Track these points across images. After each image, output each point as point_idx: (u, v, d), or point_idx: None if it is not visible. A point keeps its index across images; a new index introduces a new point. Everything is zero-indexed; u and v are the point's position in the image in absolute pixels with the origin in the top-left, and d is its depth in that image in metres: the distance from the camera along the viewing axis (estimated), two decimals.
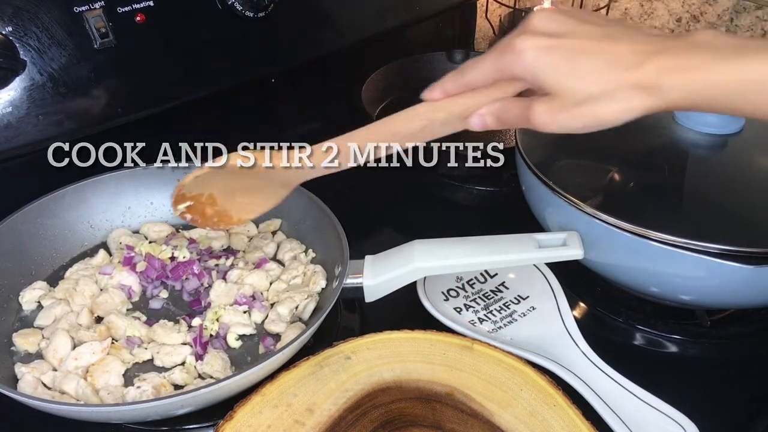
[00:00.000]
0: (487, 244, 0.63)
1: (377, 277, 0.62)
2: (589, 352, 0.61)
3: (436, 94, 0.48)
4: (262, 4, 0.83)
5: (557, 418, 0.52)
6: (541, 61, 0.42)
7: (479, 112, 0.47)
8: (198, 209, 0.58)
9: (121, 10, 0.75)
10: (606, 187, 0.65)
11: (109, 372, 0.57)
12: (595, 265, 0.66)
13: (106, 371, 0.57)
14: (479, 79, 0.46)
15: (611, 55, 0.41)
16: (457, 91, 0.48)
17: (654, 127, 0.71)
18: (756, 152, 0.69)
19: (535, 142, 0.71)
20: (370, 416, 0.52)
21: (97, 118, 0.77)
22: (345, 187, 0.86)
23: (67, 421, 0.54)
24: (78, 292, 0.65)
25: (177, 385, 0.58)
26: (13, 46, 0.68)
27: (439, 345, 0.58)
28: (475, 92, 0.47)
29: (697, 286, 0.61)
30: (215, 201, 0.58)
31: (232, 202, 0.59)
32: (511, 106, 0.46)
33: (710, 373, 0.63)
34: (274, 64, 0.90)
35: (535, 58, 0.42)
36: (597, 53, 0.41)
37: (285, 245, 0.72)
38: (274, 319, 0.63)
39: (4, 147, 0.70)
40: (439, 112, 0.48)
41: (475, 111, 0.48)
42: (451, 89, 0.48)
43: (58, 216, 0.71)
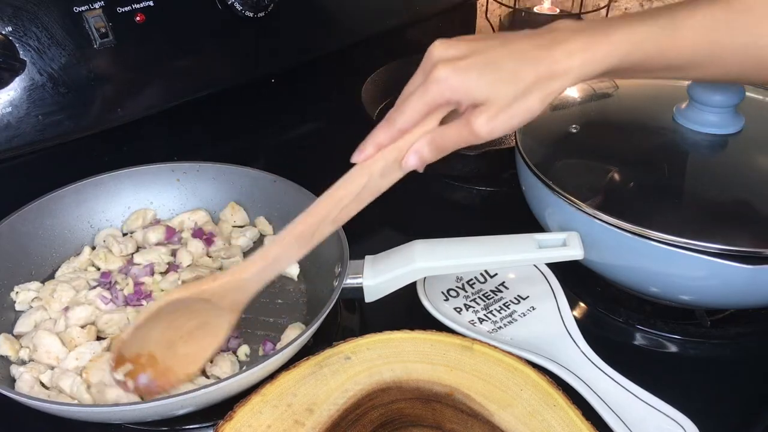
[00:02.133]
0: (487, 244, 0.63)
1: (377, 277, 0.62)
2: (589, 352, 0.61)
3: (369, 151, 0.49)
4: (262, 4, 0.83)
5: (557, 418, 0.52)
6: (466, 80, 0.46)
7: (414, 149, 0.48)
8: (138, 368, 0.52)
9: (121, 10, 0.75)
10: (606, 187, 0.65)
11: (104, 370, 0.57)
12: (595, 265, 0.66)
13: (102, 369, 0.57)
14: (411, 121, 0.48)
15: (518, 55, 0.46)
16: (391, 141, 0.48)
17: (654, 127, 0.71)
18: (756, 152, 0.69)
19: (535, 142, 0.71)
20: (370, 416, 0.52)
21: (97, 118, 0.77)
22: None
23: (66, 420, 0.54)
24: (55, 298, 0.64)
25: None
26: (13, 46, 0.68)
27: (439, 345, 0.58)
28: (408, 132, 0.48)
29: (697, 286, 0.61)
30: (156, 360, 0.52)
31: (173, 356, 0.53)
32: (446, 131, 0.48)
33: (710, 373, 0.63)
34: (274, 64, 0.90)
35: (460, 80, 0.46)
36: (507, 58, 0.46)
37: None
38: None
39: (4, 147, 0.71)
40: (376, 164, 0.49)
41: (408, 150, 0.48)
42: (385, 141, 0.48)
43: (58, 216, 0.71)
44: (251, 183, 0.75)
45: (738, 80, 0.64)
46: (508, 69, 0.46)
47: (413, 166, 0.49)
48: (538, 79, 0.46)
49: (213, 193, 0.76)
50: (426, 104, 0.47)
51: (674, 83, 0.79)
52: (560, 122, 0.74)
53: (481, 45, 0.47)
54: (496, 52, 0.46)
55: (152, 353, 0.52)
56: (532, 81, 0.46)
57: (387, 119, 0.49)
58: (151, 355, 0.52)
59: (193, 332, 0.53)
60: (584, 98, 0.78)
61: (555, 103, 0.77)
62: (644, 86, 0.82)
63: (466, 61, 0.46)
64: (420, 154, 0.48)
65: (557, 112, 0.76)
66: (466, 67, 0.46)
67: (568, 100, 0.78)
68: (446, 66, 0.46)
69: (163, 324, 0.51)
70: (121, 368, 0.52)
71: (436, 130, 0.48)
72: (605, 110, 0.77)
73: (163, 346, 0.52)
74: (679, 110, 0.70)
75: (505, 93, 0.46)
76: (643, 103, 0.78)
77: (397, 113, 0.48)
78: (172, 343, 0.52)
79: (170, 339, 0.52)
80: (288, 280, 0.70)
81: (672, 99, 0.72)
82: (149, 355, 0.52)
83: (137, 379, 0.52)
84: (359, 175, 0.49)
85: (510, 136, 0.91)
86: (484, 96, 0.46)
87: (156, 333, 0.52)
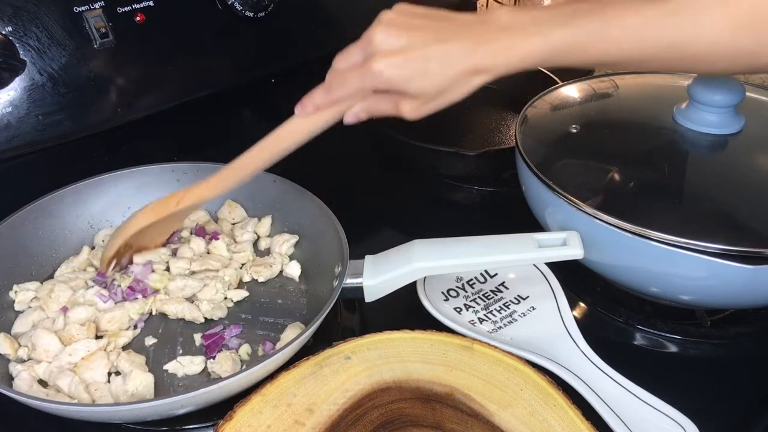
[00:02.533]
0: (487, 244, 0.63)
1: (377, 277, 0.62)
2: (589, 352, 0.61)
3: (309, 110, 0.56)
4: (262, 4, 0.83)
5: (557, 418, 0.52)
6: (399, 76, 0.51)
7: (353, 111, 0.56)
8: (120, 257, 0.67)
9: (121, 10, 0.75)
10: (606, 187, 0.65)
11: (94, 369, 0.57)
12: (595, 265, 0.66)
13: (91, 368, 0.57)
14: (346, 96, 0.55)
15: (448, 55, 0.51)
16: (327, 106, 0.56)
17: (654, 127, 0.71)
18: (756, 152, 0.69)
19: (535, 142, 0.71)
20: (370, 416, 0.52)
21: (97, 118, 0.77)
22: (345, 187, 0.87)
23: (66, 420, 0.54)
24: (53, 298, 0.64)
25: None
26: (13, 46, 0.68)
27: (439, 345, 0.58)
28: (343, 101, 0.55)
29: (697, 286, 0.61)
30: (131, 246, 0.67)
31: (144, 237, 0.66)
32: (379, 103, 0.55)
33: (710, 373, 0.63)
34: (274, 64, 0.90)
35: (394, 75, 0.51)
36: (437, 57, 0.51)
37: (277, 240, 0.72)
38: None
39: (4, 147, 0.71)
40: (317, 123, 0.56)
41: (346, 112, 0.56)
42: (322, 105, 0.55)
43: (58, 216, 0.71)
44: (251, 183, 0.74)
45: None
46: (436, 68, 0.51)
47: (350, 123, 0.57)
48: (462, 76, 0.52)
49: None
50: (361, 87, 0.54)
51: (674, 83, 0.79)
52: (560, 122, 0.74)
53: (418, 38, 0.51)
54: (430, 49, 0.51)
55: (128, 243, 0.66)
56: (457, 78, 0.52)
57: (327, 86, 0.55)
58: (128, 244, 0.66)
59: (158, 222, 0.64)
60: (584, 98, 0.78)
61: (555, 103, 0.77)
62: (644, 86, 0.82)
63: (401, 58, 0.51)
64: (357, 117, 0.56)
65: (557, 112, 0.76)
66: (401, 65, 0.51)
67: (568, 100, 0.78)
68: (383, 60, 0.51)
69: None
70: (109, 268, 0.66)
71: (371, 99, 0.55)
72: (605, 110, 0.77)
73: (136, 237, 0.65)
74: (679, 110, 0.70)
75: (432, 89, 0.52)
76: (643, 103, 0.78)
77: (335, 85, 0.54)
78: (143, 232, 0.65)
79: (142, 231, 0.64)
80: (288, 280, 0.70)
81: (672, 99, 0.72)
82: (126, 245, 0.66)
83: (121, 261, 0.67)
84: (302, 128, 0.57)
85: (510, 136, 0.91)
86: (413, 92, 0.52)
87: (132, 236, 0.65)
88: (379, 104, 0.55)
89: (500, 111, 0.98)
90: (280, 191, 0.74)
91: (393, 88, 0.52)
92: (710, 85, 0.67)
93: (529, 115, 0.75)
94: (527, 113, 0.76)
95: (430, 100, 0.53)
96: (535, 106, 0.77)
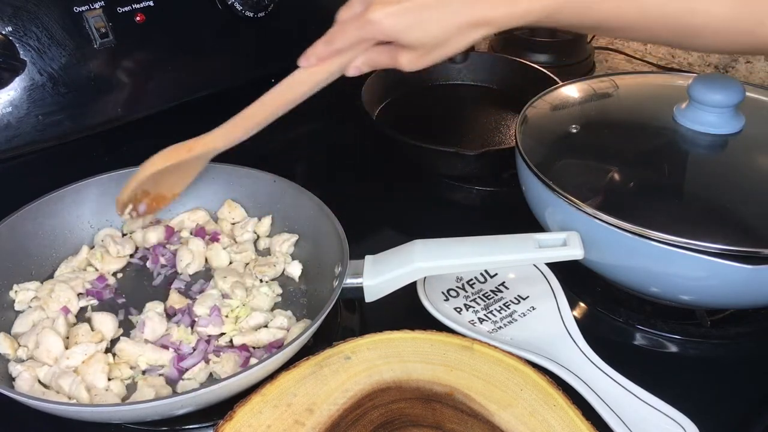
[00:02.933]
0: (487, 244, 0.63)
1: (377, 277, 0.62)
2: (589, 352, 0.61)
3: (312, 61, 0.56)
4: (262, 4, 0.83)
5: (557, 418, 0.52)
6: (396, 26, 0.51)
7: (355, 64, 0.56)
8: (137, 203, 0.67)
9: (121, 10, 0.75)
10: (606, 187, 0.65)
11: (92, 374, 0.57)
12: (595, 265, 0.66)
13: (89, 373, 0.57)
14: (347, 46, 0.55)
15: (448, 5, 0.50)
16: (329, 57, 0.56)
17: (654, 127, 0.71)
18: (756, 152, 0.69)
19: (535, 142, 0.71)
20: (370, 416, 0.52)
21: (97, 118, 0.77)
22: (345, 186, 0.87)
23: (66, 420, 0.54)
24: (53, 298, 0.64)
25: None
26: (13, 46, 0.68)
27: (439, 345, 0.58)
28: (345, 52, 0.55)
29: (697, 286, 0.61)
30: (148, 193, 0.67)
31: (160, 185, 0.66)
32: (379, 56, 0.55)
33: (710, 373, 0.63)
34: (274, 64, 0.90)
35: (391, 25, 0.51)
36: (437, 7, 0.50)
37: (277, 239, 0.72)
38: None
39: (4, 147, 0.71)
40: (321, 75, 0.57)
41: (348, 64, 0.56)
42: (324, 55, 0.56)
43: (58, 216, 0.71)
44: (251, 183, 0.75)
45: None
46: (435, 19, 0.51)
47: (352, 75, 0.57)
48: (462, 28, 0.51)
49: (213, 192, 0.76)
50: (360, 38, 0.54)
51: (674, 83, 0.79)
52: (560, 122, 0.74)
53: None
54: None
55: (145, 190, 0.66)
56: (456, 29, 0.51)
57: (329, 36, 0.55)
58: (144, 191, 0.66)
59: (172, 170, 0.64)
60: (584, 98, 0.78)
61: (555, 103, 0.77)
62: (644, 86, 0.82)
63: (399, 7, 0.51)
64: (359, 69, 0.57)
65: (557, 112, 0.76)
66: (398, 14, 0.51)
67: (568, 100, 0.78)
68: (381, 9, 0.51)
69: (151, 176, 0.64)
70: (126, 210, 0.67)
71: (371, 51, 0.55)
72: (605, 110, 0.77)
73: (152, 184, 0.65)
74: (679, 110, 0.70)
75: (430, 40, 0.52)
76: (643, 103, 0.78)
77: (337, 35, 0.54)
78: (158, 180, 0.65)
79: (156, 178, 0.65)
80: (288, 280, 0.70)
81: (672, 99, 0.72)
82: (142, 191, 0.66)
83: (137, 208, 0.67)
84: (306, 81, 0.58)
85: (510, 136, 0.91)
86: (411, 42, 0.52)
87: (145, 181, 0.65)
88: (379, 56, 0.55)
89: (500, 111, 0.98)
90: (280, 191, 0.74)
91: (391, 38, 0.52)
92: (710, 85, 0.67)
93: (529, 115, 0.75)
94: (527, 113, 0.76)
95: (429, 51, 0.53)
96: (535, 106, 0.77)
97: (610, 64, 1.20)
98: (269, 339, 0.61)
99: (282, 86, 0.59)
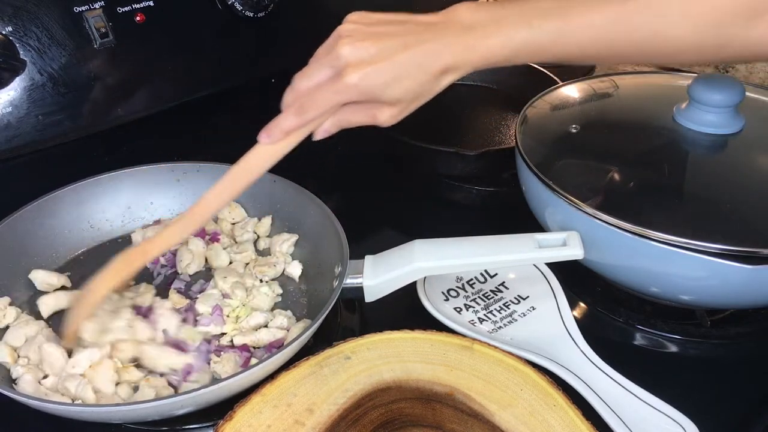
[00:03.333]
0: (487, 244, 0.63)
1: (377, 277, 0.62)
2: (589, 352, 0.61)
3: (277, 136, 0.54)
4: (262, 4, 0.83)
5: (557, 418, 0.52)
6: (374, 85, 0.51)
7: (323, 128, 0.54)
8: None
9: (121, 10, 0.75)
10: (606, 187, 0.65)
11: (101, 381, 0.56)
12: (595, 265, 0.66)
13: (97, 380, 0.56)
14: (321, 113, 0.53)
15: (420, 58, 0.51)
16: (298, 128, 0.54)
17: (654, 127, 0.71)
18: (756, 152, 0.69)
19: (535, 142, 0.71)
20: (370, 416, 0.52)
21: (97, 118, 0.77)
22: (345, 186, 0.87)
23: (66, 420, 0.54)
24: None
25: None
26: (13, 46, 0.68)
27: (439, 345, 0.58)
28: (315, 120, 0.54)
29: (697, 286, 0.61)
30: None
31: None
32: (353, 115, 0.54)
33: (710, 373, 0.63)
34: (274, 64, 0.90)
35: (368, 85, 0.51)
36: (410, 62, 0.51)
37: (277, 239, 0.72)
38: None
39: (4, 147, 0.70)
40: (284, 148, 0.55)
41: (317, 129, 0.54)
42: (293, 128, 0.53)
43: (57, 216, 0.71)
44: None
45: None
46: (411, 75, 0.51)
47: (320, 138, 0.55)
48: (435, 76, 0.52)
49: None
50: (337, 102, 0.52)
51: (674, 83, 0.79)
52: (560, 122, 0.74)
53: (386, 45, 0.51)
54: (401, 55, 0.50)
55: None
56: (431, 80, 0.52)
57: (297, 108, 0.53)
58: None
59: None
60: (584, 98, 0.78)
61: (555, 103, 0.78)
62: (644, 86, 0.82)
63: (374, 67, 0.50)
64: (327, 133, 0.55)
65: (557, 112, 0.76)
66: (375, 74, 0.50)
67: (568, 100, 0.78)
68: (357, 71, 0.50)
69: None
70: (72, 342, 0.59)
71: (343, 112, 0.54)
72: (605, 110, 0.77)
73: None
74: (679, 110, 0.70)
75: (407, 94, 0.52)
76: (643, 103, 0.78)
77: (308, 105, 0.52)
78: None
79: None
80: (288, 280, 0.70)
81: (672, 99, 0.72)
82: None
83: None
84: (269, 155, 0.55)
85: (510, 136, 0.91)
86: (390, 99, 0.52)
87: None
88: (353, 116, 0.54)
89: (500, 111, 0.98)
90: (280, 191, 0.74)
91: (369, 98, 0.52)
92: (710, 85, 0.67)
93: (529, 115, 0.75)
94: (527, 113, 0.76)
95: (408, 104, 0.53)
96: (535, 106, 0.77)
97: (610, 64, 1.20)
98: (269, 339, 0.61)
99: (240, 167, 0.56)
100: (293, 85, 0.54)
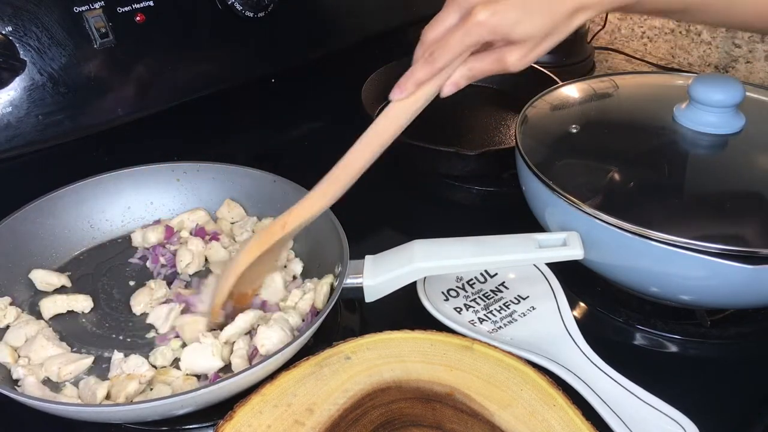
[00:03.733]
0: (487, 244, 0.63)
1: (377, 277, 0.62)
2: (589, 352, 0.61)
3: (411, 89, 0.53)
4: (262, 4, 0.83)
5: (557, 418, 0.52)
6: (505, 23, 0.49)
7: (452, 81, 0.53)
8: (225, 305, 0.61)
9: (121, 10, 0.75)
10: (606, 187, 0.65)
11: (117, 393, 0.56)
12: (595, 265, 0.66)
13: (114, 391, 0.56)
14: (452, 59, 0.51)
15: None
16: (430, 78, 0.52)
17: (654, 127, 0.71)
18: (756, 152, 0.69)
19: (535, 142, 0.71)
20: (370, 416, 0.52)
21: (97, 118, 0.77)
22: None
23: (66, 420, 0.54)
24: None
25: None
26: (13, 46, 0.68)
27: (439, 345, 0.58)
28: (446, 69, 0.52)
29: (697, 286, 0.61)
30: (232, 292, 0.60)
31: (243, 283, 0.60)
32: (481, 63, 0.52)
33: (710, 373, 0.63)
34: (274, 64, 0.90)
35: (499, 22, 0.49)
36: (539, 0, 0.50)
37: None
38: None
39: (4, 147, 0.71)
40: (418, 103, 0.54)
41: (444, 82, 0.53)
42: (425, 78, 0.52)
43: (57, 216, 0.71)
44: (251, 183, 0.75)
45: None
46: (542, 10, 0.50)
47: (450, 93, 0.54)
48: (566, 15, 0.51)
49: (213, 193, 0.76)
50: (467, 45, 0.51)
51: (674, 83, 0.79)
52: (560, 122, 0.74)
53: None
54: None
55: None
56: (563, 17, 0.50)
57: (427, 58, 0.51)
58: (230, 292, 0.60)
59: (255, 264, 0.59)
60: (584, 98, 0.78)
61: (555, 103, 0.78)
62: (644, 86, 0.82)
63: (504, 4, 0.49)
64: (458, 85, 0.53)
65: (557, 112, 0.76)
66: (505, 10, 0.49)
67: (568, 100, 0.78)
68: (486, 9, 0.49)
69: None
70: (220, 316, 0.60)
71: (470, 61, 0.52)
72: (605, 110, 0.77)
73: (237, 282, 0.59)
74: (679, 110, 0.70)
75: (539, 32, 0.50)
76: (643, 103, 0.78)
77: (439, 52, 0.51)
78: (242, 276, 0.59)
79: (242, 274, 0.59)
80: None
81: (672, 99, 0.72)
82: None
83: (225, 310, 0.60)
84: (404, 111, 0.54)
85: (510, 136, 0.91)
86: (521, 36, 0.50)
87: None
88: (481, 63, 0.52)
89: (500, 111, 0.98)
90: (280, 191, 0.73)
91: (499, 36, 0.50)
92: (710, 85, 0.67)
93: (529, 115, 0.76)
94: (527, 113, 0.76)
95: (537, 44, 0.51)
96: (535, 106, 0.77)
97: (610, 64, 1.20)
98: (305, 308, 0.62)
99: (376, 127, 0.55)
100: (422, 38, 0.53)
